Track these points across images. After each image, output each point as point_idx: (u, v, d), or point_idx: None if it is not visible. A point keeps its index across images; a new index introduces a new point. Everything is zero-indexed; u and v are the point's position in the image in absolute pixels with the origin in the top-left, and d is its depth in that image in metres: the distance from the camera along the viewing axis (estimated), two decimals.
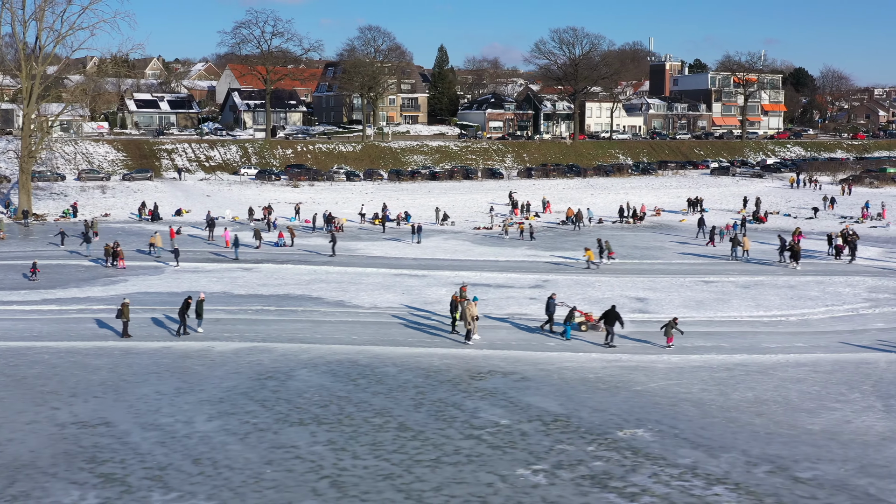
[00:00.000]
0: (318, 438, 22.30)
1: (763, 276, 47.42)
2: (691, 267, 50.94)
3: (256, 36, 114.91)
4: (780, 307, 39.59)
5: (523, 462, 20.75)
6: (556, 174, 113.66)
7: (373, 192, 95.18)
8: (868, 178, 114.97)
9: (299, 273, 48.51)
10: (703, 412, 24.66)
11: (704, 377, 28.20)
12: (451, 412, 24.45)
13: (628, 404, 25.29)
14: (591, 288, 44.15)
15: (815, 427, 23.41)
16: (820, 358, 30.56)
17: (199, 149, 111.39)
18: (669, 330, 31.84)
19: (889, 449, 21.78)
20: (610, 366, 29.62)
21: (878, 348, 31.94)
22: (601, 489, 19.20)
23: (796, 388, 26.91)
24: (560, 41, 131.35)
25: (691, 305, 39.79)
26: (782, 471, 20.32)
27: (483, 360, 30.23)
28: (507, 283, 45.85)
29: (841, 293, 42.80)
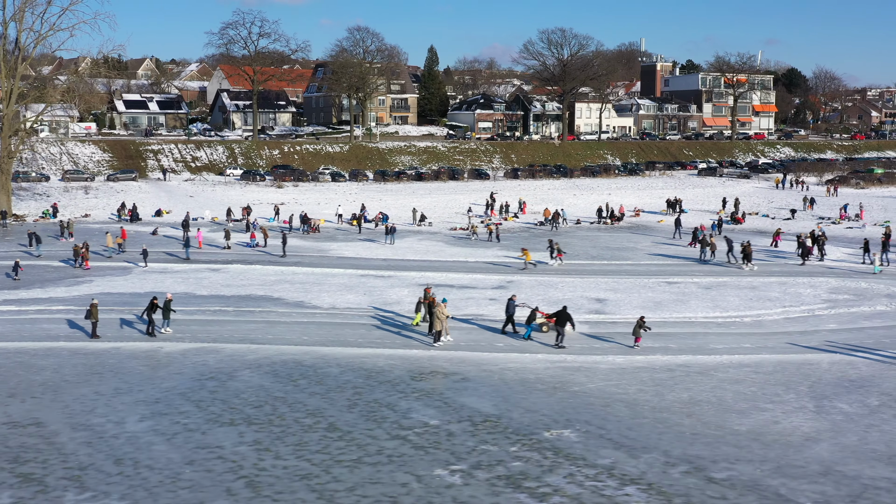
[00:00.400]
0: (244, 439, 22.45)
1: (727, 277, 47.54)
2: (658, 268, 51.08)
3: (244, 36, 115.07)
4: (737, 308, 39.72)
5: (443, 462, 20.89)
6: (543, 175, 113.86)
7: (357, 192, 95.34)
8: (855, 178, 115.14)
9: (266, 274, 48.66)
10: (635, 413, 24.79)
11: (644, 378, 28.33)
12: (384, 413, 24.59)
13: (562, 405, 25.43)
14: (553, 289, 44.28)
15: (742, 428, 23.53)
16: (764, 359, 30.69)
17: (185, 149, 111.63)
18: (637, 330, 32.00)
19: (810, 449, 21.92)
20: (553, 367, 29.75)
21: (825, 349, 32.06)
22: (514, 489, 19.34)
23: (733, 389, 27.04)
24: (548, 42, 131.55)
25: (649, 306, 39.89)
26: (698, 471, 20.47)
27: (428, 360, 30.38)
28: (471, 283, 45.99)
29: (801, 294, 42.92)
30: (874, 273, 48.49)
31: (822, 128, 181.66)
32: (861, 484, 19.75)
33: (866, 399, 25.99)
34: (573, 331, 33.91)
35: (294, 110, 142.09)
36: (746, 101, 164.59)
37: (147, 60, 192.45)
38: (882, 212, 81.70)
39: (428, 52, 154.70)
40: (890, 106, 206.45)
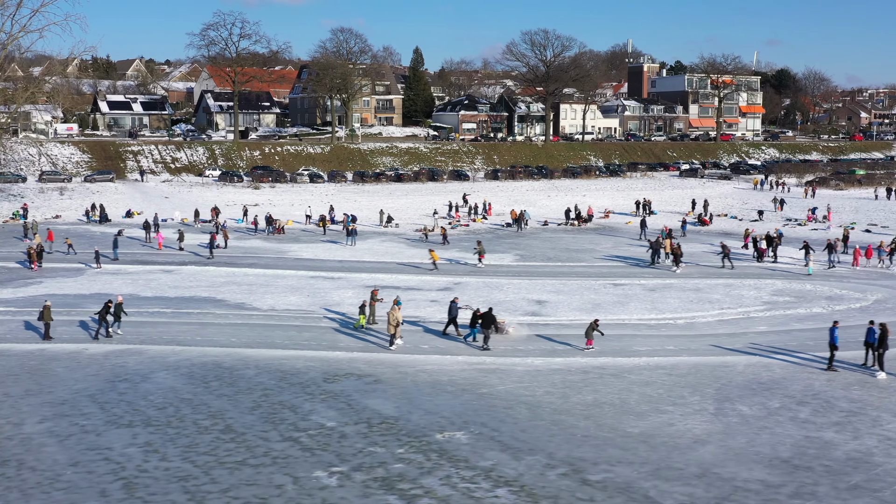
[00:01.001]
0: (136, 440, 22.65)
1: (675, 280, 47.72)
2: (609, 270, 51.25)
3: (224, 38, 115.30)
4: (674, 310, 39.90)
5: (325, 464, 21.08)
6: (523, 176, 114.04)
7: (333, 193, 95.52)
8: (835, 180, 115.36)
9: (217, 275, 48.87)
10: (534, 415, 24.97)
11: (556, 380, 28.51)
12: (284, 415, 24.78)
13: (464, 407, 25.61)
14: (498, 290, 44.49)
15: (635, 430, 23.70)
16: (682, 361, 30.85)
17: (165, 150, 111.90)
18: (590, 332, 32.08)
19: (695, 452, 22.09)
20: (469, 368, 29.94)
21: (746, 351, 32.22)
22: (386, 491, 19.53)
23: (640, 391, 27.21)
24: (531, 43, 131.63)
25: (587, 308, 40.07)
26: (576, 473, 20.65)
27: (347, 362, 30.57)
28: (419, 285, 46.19)
29: (743, 296, 43.09)
30: (808, 274, 48.72)
31: (809, 129, 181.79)
32: (732, 486, 19.92)
33: (768, 402, 26.15)
34: (522, 333, 34.27)
35: (278, 111, 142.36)
36: (733, 103, 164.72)
37: (137, 61, 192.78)
38: (853, 213, 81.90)
39: (413, 54, 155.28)
40: (880, 107, 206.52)
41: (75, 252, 55.10)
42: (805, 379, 28.59)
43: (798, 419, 24.59)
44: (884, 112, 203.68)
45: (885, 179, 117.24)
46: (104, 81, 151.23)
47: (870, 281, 47.51)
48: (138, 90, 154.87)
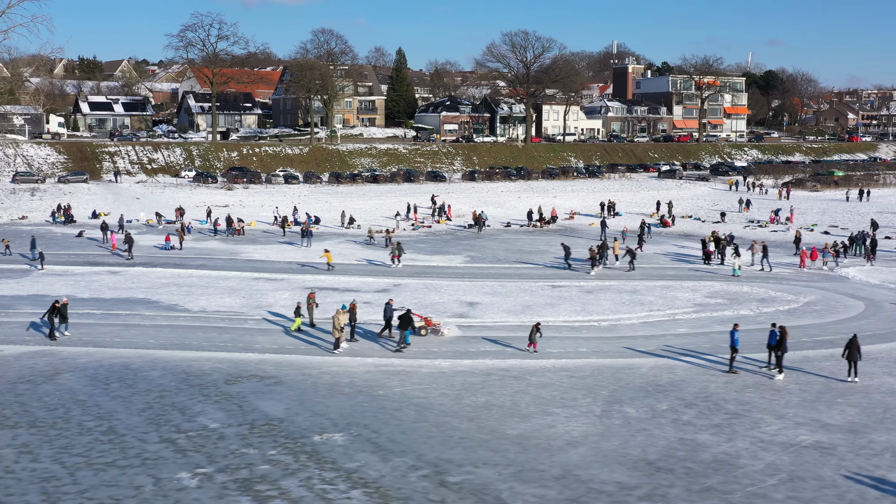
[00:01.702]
0: (15, 441, 22.86)
1: (615, 281, 47.88)
2: (554, 272, 51.39)
3: (202, 38, 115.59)
4: (604, 312, 40.07)
5: (193, 465, 21.28)
6: (500, 177, 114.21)
7: (307, 194, 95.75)
8: (812, 181, 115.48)
9: (161, 276, 49.06)
10: (420, 417, 25.16)
11: (456, 382, 28.71)
12: (172, 416, 24.99)
13: (354, 409, 25.81)
14: (435, 292, 44.69)
15: (514, 432, 23.89)
16: (588, 363, 31.04)
17: (142, 151, 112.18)
18: (533, 335, 32.05)
19: (564, 454, 22.28)
20: (375, 370, 30.13)
21: (656, 353, 32.40)
22: (242, 492, 19.74)
23: (535, 393, 27.39)
24: (512, 44, 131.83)
25: (516, 310, 40.28)
26: (438, 475, 20.85)
27: (256, 364, 30.77)
28: (358, 287, 46.38)
29: (677, 298, 43.27)
30: (734, 275, 48.94)
31: (795, 130, 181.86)
32: (587, 487, 20.11)
33: (658, 404, 26.34)
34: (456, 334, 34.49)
35: (260, 112, 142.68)
36: (717, 104, 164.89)
37: (125, 62, 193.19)
38: (820, 215, 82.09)
39: (396, 55, 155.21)
40: (868, 108, 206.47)
41: (11, 253, 55.32)
42: (704, 381, 28.78)
43: (680, 421, 24.78)
44: (872, 113, 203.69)
45: (862, 181, 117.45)
46: (88, 82, 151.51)
47: (809, 283, 47.68)
48: (123, 91, 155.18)
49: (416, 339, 34.22)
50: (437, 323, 36.87)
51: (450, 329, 36.61)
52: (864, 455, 22.15)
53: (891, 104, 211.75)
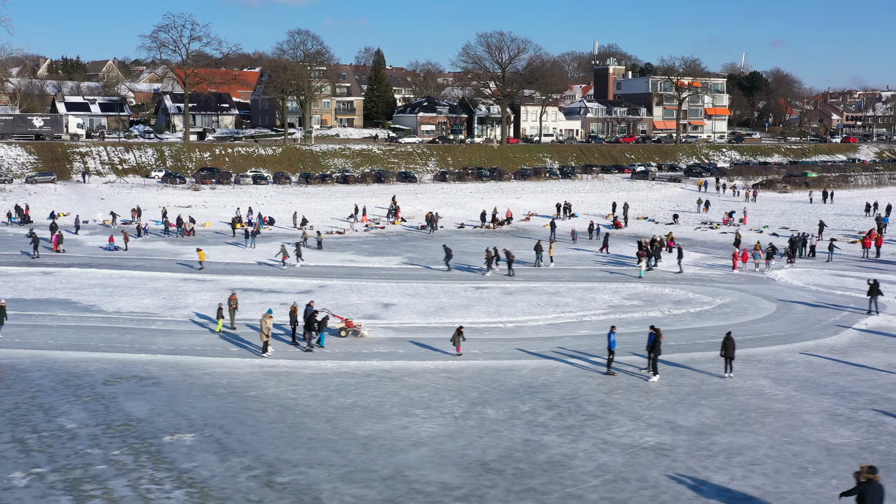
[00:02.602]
0: None
1: (540, 283, 48.12)
2: (475, 273, 51.52)
3: (175, 39, 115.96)
4: (516, 314, 40.33)
5: (31, 465, 21.54)
6: (472, 178, 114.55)
7: (273, 195, 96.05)
8: (783, 183, 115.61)
9: (92, 277, 49.34)
10: (279, 417, 25.43)
11: (333, 383, 28.99)
12: (34, 416, 25.27)
13: (219, 409, 26.08)
14: (356, 293, 44.98)
15: (366, 433, 24.16)
16: (472, 364, 31.29)
17: (114, 152, 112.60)
18: (456, 339, 31.92)
19: (404, 454, 22.54)
20: (256, 371, 30.42)
21: (545, 355, 32.64)
22: (66, 492, 20.01)
23: (405, 395, 27.66)
24: (487, 45, 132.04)
25: (429, 312, 40.55)
26: (270, 475, 21.12)
27: (143, 364, 31.05)
28: (283, 288, 46.68)
29: (594, 300, 43.54)
30: (639, 277, 49.17)
31: (777, 131, 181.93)
32: (410, 488, 20.38)
33: (521, 405, 26.60)
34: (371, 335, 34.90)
35: (237, 112, 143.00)
36: (698, 105, 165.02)
37: (109, 62, 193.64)
38: (778, 216, 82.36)
39: (375, 55, 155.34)
40: (853, 109, 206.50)
41: None
42: (578, 383, 29.03)
43: (534, 423, 25.03)
44: (856, 114, 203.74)
45: (833, 182, 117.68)
46: (68, 82, 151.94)
47: (733, 285, 47.90)
48: (103, 91, 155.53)
49: (333, 341, 34.48)
50: (359, 325, 37.14)
51: (369, 331, 36.89)
52: (698, 457, 22.40)
53: (876, 105, 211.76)
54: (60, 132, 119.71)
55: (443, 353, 32.98)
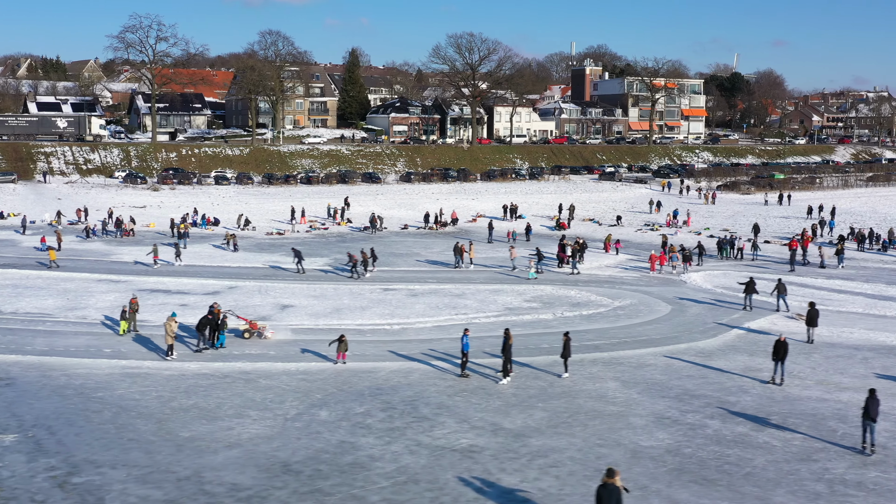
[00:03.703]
0: None
1: (450, 285, 48.38)
2: (403, 274, 51.88)
3: (141, 39, 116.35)
4: (408, 316, 40.58)
5: None
6: (437, 179, 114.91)
7: (233, 196, 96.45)
8: (746, 185, 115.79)
9: (8, 278, 49.54)
10: (113, 419, 25.67)
11: (185, 384, 29.25)
12: None
13: (56, 410, 26.34)
14: (262, 294, 45.29)
15: (187, 434, 24.43)
16: (330, 367, 31.53)
17: (79, 152, 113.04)
18: (340, 346, 31.77)
19: (213, 455, 22.79)
20: (117, 373, 30.69)
21: (410, 357, 32.88)
22: None
23: (249, 396, 27.92)
24: (457, 46, 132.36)
25: (324, 314, 40.84)
26: (70, 475, 21.39)
27: (7, 366, 31.31)
28: (192, 289, 46.95)
29: (494, 302, 43.82)
30: (529, 279, 49.44)
31: (756, 132, 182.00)
32: (199, 489, 20.62)
33: (357, 408, 26.85)
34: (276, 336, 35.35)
35: (210, 113, 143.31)
36: (675, 106, 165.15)
37: (90, 62, 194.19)
38: (727, 218, 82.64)
39: (349, 56, 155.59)
40: (834, 111, 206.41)
41: None
42: (428, 385, 29.30)
43: (361, 424, 25.30)
44: (838, 115, 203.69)
45: (800, 184, 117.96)
46: (44, 82, 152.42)
47: (641, 286, 48.14)
48: (80, 91, 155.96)
49: (236, 342, 34.78)
50: (263, 326, 37.42)
51: (273, 332, 37.17)
52: (501, 459, 22.66)
53: (860, 107, 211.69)
54: (84, 133, 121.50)
55: (318, 355, 33.21)
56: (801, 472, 21.86)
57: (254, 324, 37.52)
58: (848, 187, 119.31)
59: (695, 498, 20.30)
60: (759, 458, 22.70)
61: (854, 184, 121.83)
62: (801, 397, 27.96)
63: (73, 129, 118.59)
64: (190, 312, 39.35)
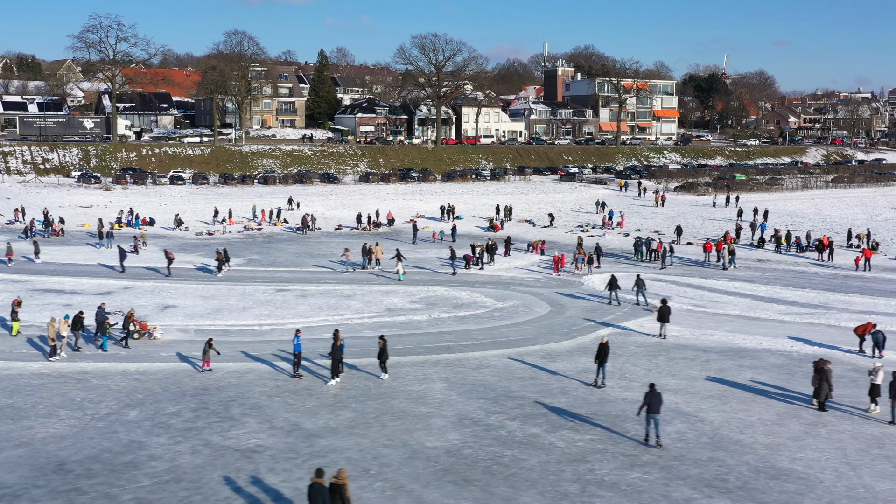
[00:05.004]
0: None
1: (346, 285, 48.63)
2: (304, 275, 52.08)
3: (102, 39, 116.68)
4: (285, 317, 40.82)
5: None
6: (396, 179, 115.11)
7: (185, 196, 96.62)
8: (704, 186, 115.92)
9: None
10: None
11: (21, 384, 29.54)
12: None
13: None
14: (153, 295, 45.56)
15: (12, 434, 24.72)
16: (173, 367, 31.85)
17: (38, 151, 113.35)
18: (206, 352, 31.54)
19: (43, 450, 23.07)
20: None
21: (257, 357, 33.15)
22: None
23: (69, 397, 28.20)
24: (421, 47, 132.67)
25: (202, 314, 41.11)
26: None
27: None
28: (87, 289, 47.20)
29: (380, 303, 44.09)
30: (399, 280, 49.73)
31: (729, 133, 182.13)
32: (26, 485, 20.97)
33: (169, 408, 27.16)
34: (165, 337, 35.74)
35: (177, 113, 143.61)
36: (646, 107, 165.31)
37: (67, 61, 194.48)
38: (668, 220, 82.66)
39: (319, 56, 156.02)
40: (811, 112, 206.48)
41: None
42: (256, 386, 29.57)
43: (162, 424, 25.57)
44: (815, 117, 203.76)
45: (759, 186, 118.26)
46: (15, 82, 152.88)
47: (534, 287, 48.37)
48: (51, 91, 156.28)
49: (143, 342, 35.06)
50: (153, 327, 37.71)
51: (163, 333, 37.47)
52: (279, 458, 22.93)
53: (839, 108, 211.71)
54: (109, 133, 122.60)
55: (161, 354, 33.49)
56: (565, 472, 22.13)
57: (143, 324, 37.81)
58: (807, 189, 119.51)
59: (442, 498, 20.59)
60: (532, 460, 22.97)
61: (814, 185, 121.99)
62: (616, 399, 28.22)
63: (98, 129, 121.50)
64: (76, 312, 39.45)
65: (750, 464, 22.80)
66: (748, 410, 27.14)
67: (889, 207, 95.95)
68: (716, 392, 29.10)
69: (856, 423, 26.14)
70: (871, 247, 62.84)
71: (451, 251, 53.54)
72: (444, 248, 63.22)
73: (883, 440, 24.67)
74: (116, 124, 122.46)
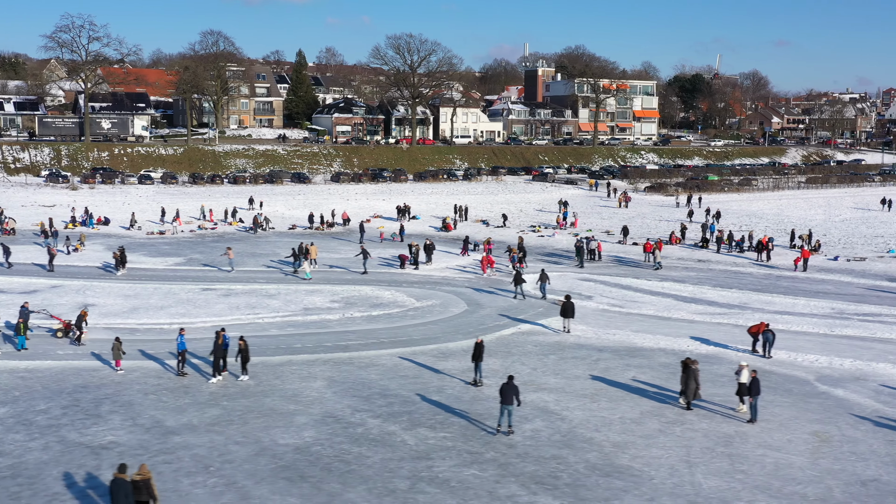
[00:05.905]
0: None
1: (275, 285, 48.85)
2: (235, 275, 52.18)
3: (74, 39, 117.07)
4: (199, 315, 41.08)
5: None
6: (367, 179, 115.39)
7: (151, 195, 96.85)
8: (673, 186, 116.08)
9: None
10: None
11: None
12: None
13: None
14: (76, 294, 45.82)
15: None
16: (69, 365, 32.10)
17: (9, 150, 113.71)
18: (117, 352, 31.49)
19: None
20: None
21: (152, 356, 33.40)
22: None
23: None
24: (396, 47, 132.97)
25: (118, 313, 41.37)
26: None
27: None
28: (12, 288, 47.44)
29: (301, 301, 44.39)
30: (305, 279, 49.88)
31: (711, 134, 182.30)
32: None
33: (39, 406, 27.39)
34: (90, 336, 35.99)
35: (153, 112, 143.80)
36: (626, 107, 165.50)
37: (52, 61, 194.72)
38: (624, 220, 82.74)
39: (297, 56, 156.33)
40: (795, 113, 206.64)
41: None
42: (136, 384, 29.82)
43: (25, 421, 25.85)
44: (798, 118, 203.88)
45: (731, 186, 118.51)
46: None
47: (459, 287, 48.56)
48: (31, 90, 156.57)
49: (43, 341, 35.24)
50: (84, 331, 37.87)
51: (86, 332, 37.66)
52: (125, 455, 23.08)
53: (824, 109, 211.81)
54: (126, 133, 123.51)
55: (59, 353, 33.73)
56: (403, 469, 22.36)
57: (67, 323, 38.04)
58: (779, 189, 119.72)
59: (269, 494, 20.83)
60: (376, 457, 23.21)
61: (786, 186, 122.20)
62: (488, 397, 28.43)
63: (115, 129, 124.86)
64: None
65: (590, 462, 23.03)
66: (614, 409, 27.38)
67: (852, 208, 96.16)
68: (591, 391, 29.33)
69: (715, 421, 26.38)
70: (813, 248, 63.03)
71: (363, 250, 53.51)
72: (389, 248, 63.51)
73: (733, 439, 24.91)
74: (88, 124, 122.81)
